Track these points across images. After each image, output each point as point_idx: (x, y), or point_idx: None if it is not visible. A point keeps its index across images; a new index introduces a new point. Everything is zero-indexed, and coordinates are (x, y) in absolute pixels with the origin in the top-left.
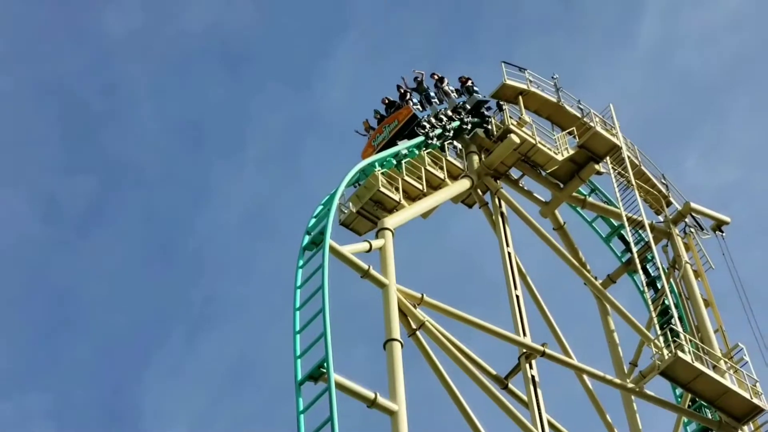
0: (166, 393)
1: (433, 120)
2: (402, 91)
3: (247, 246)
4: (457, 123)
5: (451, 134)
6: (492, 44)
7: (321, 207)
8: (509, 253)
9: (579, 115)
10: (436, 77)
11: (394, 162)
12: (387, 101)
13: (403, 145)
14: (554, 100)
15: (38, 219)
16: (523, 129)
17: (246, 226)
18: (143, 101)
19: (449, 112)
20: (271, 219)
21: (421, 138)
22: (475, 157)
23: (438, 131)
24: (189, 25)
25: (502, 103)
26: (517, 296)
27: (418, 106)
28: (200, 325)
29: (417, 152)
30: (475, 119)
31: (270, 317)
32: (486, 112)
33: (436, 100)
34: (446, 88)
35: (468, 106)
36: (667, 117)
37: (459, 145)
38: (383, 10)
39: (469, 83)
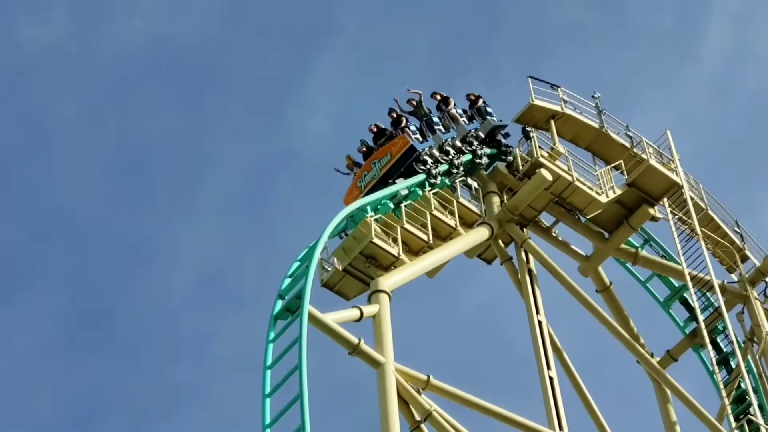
0: None
1: (436, 153)
2: (395, 115)
3: (203, 317)
4: (468, 156)
5: (460, 171)
6: (515, 56)
7: (297, 264)
8: (540, 323)
9: (627, 144)
10: (438, 97)
11: (392, 206)
12: (376, 129)
13: (401, 185)
14: (596, 125)
15: None
16: (557, 162)
17: (201, 292)
18: (70, 133)
19: (457, 143)
20: (233, 282)
21: (422, 176)
22: (496, 199)
23: (443, 167)
24: (130, 36)
25: (529, 129)
26: (551, 378)
27: (417, 135)
28: (142, 422)
29: (420, 193)
30: (492, 150)
31: (231, 409)
32: (504, 140)
33: (440, 127)
34: (453, 111)
35: (481, 134)
36: (739, 149)
37: (475, 184)
38: (377, 14)
39: (480, 103)
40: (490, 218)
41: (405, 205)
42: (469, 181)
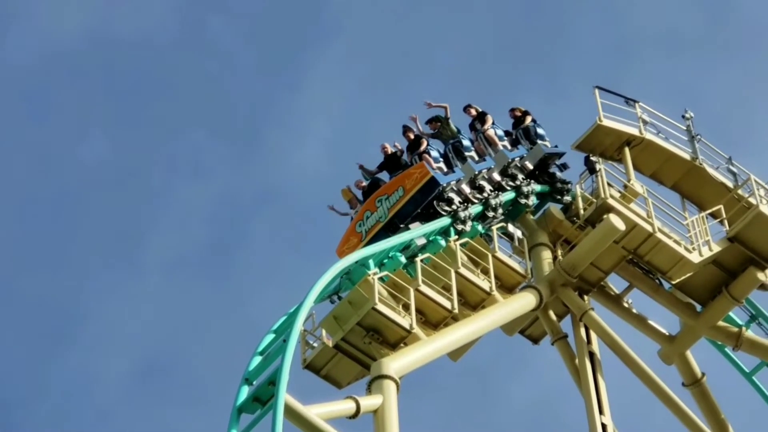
0: None
1: (466, 189)
2: (412, 137)
3: (142, 414)
4: (509, 195)
5: (498, 214)
6: (581, 64)
7: (272, 337)
8: (604, 426)
9: (730, 184)
10: (473, 113)
11: (404, 260)
12: (388, 153)
13: (417, 231)
14: (687, 156)
15: None
16: (632, 206)
17: (141, 381)
18: None
19: (495, 175)
20: (184, 365)
21: (446, 220)
22: (547, 254)
23: (476, 209)
24: (51, 35)
25: (594, 159)
26: None
27: (441, 164)
28: None
29: (443, 243)
30: (543, 187)
31: None
32: (560, 173)
33: (472, 153)
34: (490, 132)
35: (529, 164)
36: None
37: (518, 233)
38: (389, 9)
39: (528, 121)
40: (538, 281)
41: (422, 260)
42: (511, 228)
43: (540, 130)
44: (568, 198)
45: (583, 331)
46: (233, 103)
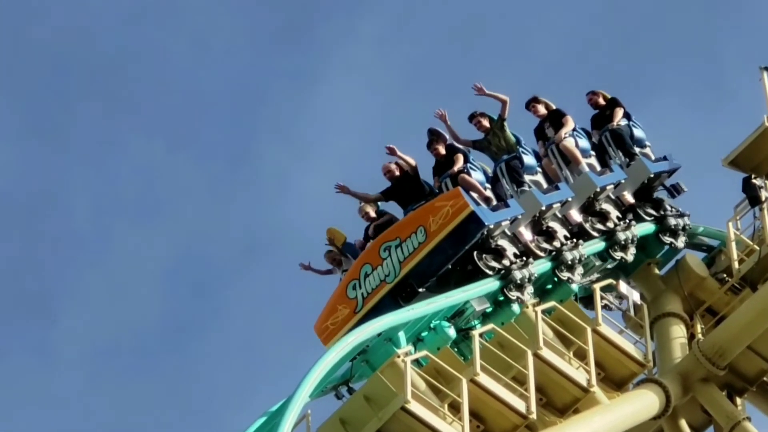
0: None
1: (527, 234)
2: (443, 148)
3: None
4: (597, 246)
5: (577, 274)
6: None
7: None
8: None
9: None
10: (541, 111)
11: (452, 334)
12: (396, 174)
13: (464, 295)
14: None
15: None
16: None
17: None
18: None
19: (575, 213)
20: None
21: (494, 284)
22: (679, 330)
23: (542, 268)
24: None
25: (758, 183)
26: None
27: (488, 192)
28: None
29: (516, 310)
30: (651, 226)
31: None
32: (668, 200)
33: (537, 176)
34: (568, 142)
35: (629, 195)
36: None
37: (635, 295)
38: None
39: (619, 120)
40: (663, 372)
41: (482, 334)
42: (624, 288)
43: (638, 132)
44: (680, 242)
45: None
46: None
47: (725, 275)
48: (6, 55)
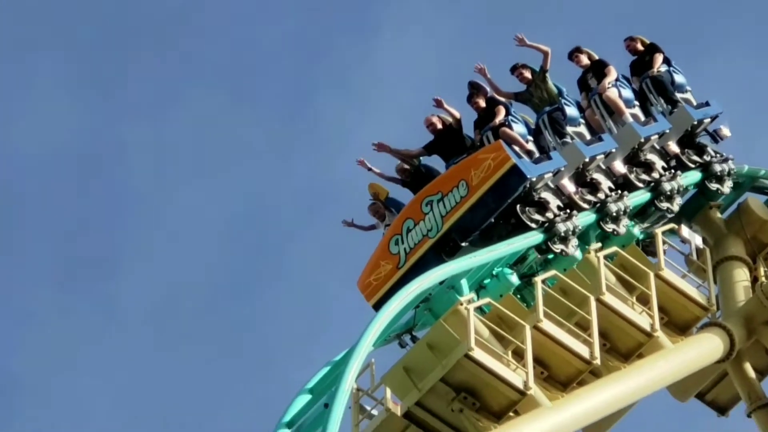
0: None
1: (571, 186)
2: (482, 104)
3: None
4: (645, 197)
5: (622, 224)
6: None
7: (306, 399)
8: None
9: None
10: (584, 61)
11: (515, 280)
12: (439, 127)
13: (511, 247)
14: None
15: None
16: None
17: None
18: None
19: (620, 165)
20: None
21: (538, 237)
22: (743, 274)
23: (588, 218)
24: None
25: None
26: None
27: (531, 145)
28: None
29: (578, 256)
30: (698, 175)
31: None
32: (711, 146)
33: (581, 128)
34: (612, 92)
35: (673, 145)
36: None
37: (697, 239)
38: None
39: (659, 63)
40: (727, 316)
41: (544, 281)
42: (686, 232)
43: (679, 78)
44: (726, 187)
45: None
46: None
47: None
48: (64, 7)
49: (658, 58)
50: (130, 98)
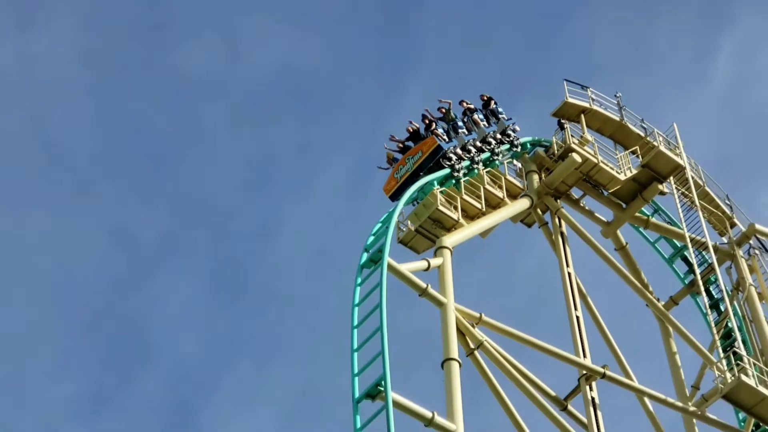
0: (235, 418)
1: (459, 152)
2: (427, 121)
3: (314, 279)
4: (487, 154)
5: (480, 166)
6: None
7: (379, 225)
8: (569, 274)
9: (642, 134)
10: (465, 105)
11: (453, 181)
12: (411, 130)
13: (426, 178)
14: (617, 118)
15: (113, 249)
16: (585, 148)
17: (312, 261)
18: (218, 136)
19: (478, 143)
20: (336, 253)
21: (447, 170)
22: (535, 176)
23: (465, 163)
24: (262, 62)
25: (563, 121)
26: (578, 317)
27: (445, 137)
28: (268, 356)
29: (476, 172)
30: (505, 146)
31: (335, 347)
32: (512, 132)
33: (463, 129)
34: (476, 117)
35: (498, 136)
36: (742, 157)
37: (519, 165)
38: (450, 52)
39: (493, 105)
40: (530, 191)
41: (464, 181)
42: (515, 162)
43: (499, 109)
44: (515, 146)
45: (557, 220)
46: (365, 100)
47: (552, 155)
48: None
49: (492, 102)
50: None
